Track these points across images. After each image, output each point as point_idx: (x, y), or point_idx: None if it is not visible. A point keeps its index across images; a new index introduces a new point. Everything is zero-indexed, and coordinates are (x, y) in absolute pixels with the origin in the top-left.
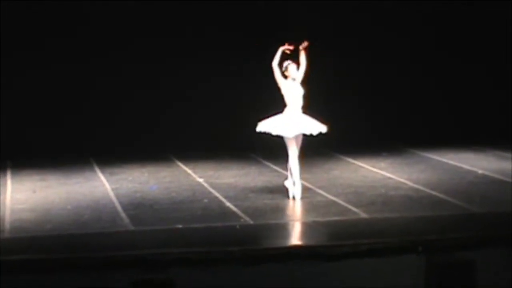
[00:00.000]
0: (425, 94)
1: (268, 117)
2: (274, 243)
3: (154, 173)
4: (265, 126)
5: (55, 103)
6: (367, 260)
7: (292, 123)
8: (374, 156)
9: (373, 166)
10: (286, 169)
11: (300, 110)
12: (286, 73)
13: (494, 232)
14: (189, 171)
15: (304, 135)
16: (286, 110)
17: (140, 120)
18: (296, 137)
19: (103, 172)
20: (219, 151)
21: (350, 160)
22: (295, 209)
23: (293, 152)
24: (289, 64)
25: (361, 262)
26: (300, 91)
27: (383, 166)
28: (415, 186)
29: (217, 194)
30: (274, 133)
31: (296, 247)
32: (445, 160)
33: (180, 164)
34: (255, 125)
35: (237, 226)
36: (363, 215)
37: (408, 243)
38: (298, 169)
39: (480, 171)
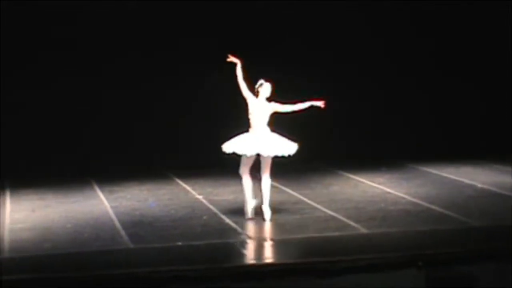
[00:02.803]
0: (423, 108)
1: (233, 136)
2: (273, 259)
3: (153, 190)
4: (230, 146)
5: (53, 122)
6: (367, 275)
7: (253, 142)
8: (373, 171)
9: (372, 181)
10: (283, 185)
11: (266, 129)
12: (259, 89)
13: (493, 246)
14: (188, 188)
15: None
16: (251, 129)
17: (138, 138)
18: (262, 157)
19: (102, 191)
20: (218, 168)
21: (349, 175)
22: (294, 225)
23: (246, 171)
24: (263, 82)
25: (361, 277)
26: (268, 109)
27: (382, 181)
28: (414, 200)
29: (216, 211)
30: (238, 152)
31: (295, 263)
32: (444, 174)
33: (179, 181)
34: None
35: (237, 243)
36: (363, 230)
37: (408, 258)
38: (267, 192)
39: (479, 185)
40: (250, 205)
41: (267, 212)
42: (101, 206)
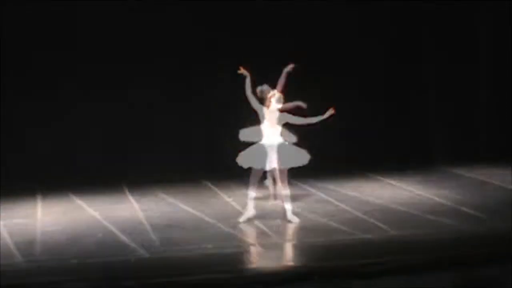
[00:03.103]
0: (454, 110)
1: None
2: (301, 262)
3: (184, 194)
4: (247, 160)
5: (84, 125)
6: (395, 277)
7: (269, 155)
8: (401, 173)
9: (401, 183)
10: (311, 187)
11: (279, 139)
12: (271, 99)
13: None
14: (219, 192)
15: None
16: (264, 139)
17: (169, 143)
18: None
19: (132, 195)
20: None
21: (378, 177)
22: (322, 227)
23: (254, 183)
24: (276, 92)
25: (390, 280)
26: (280, 120)
27: (410, 182)
28: (443, 202)
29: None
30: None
31: (324, 266)
32: (474, 176)
33: (210, 185)
34: None
35: (268, 245)
36: (392, 232)
37: (437, 259)
38: (288, 202)
39: (510, 187)
40: (249, 213)
41: (293, 218)
42: (131, 210)
